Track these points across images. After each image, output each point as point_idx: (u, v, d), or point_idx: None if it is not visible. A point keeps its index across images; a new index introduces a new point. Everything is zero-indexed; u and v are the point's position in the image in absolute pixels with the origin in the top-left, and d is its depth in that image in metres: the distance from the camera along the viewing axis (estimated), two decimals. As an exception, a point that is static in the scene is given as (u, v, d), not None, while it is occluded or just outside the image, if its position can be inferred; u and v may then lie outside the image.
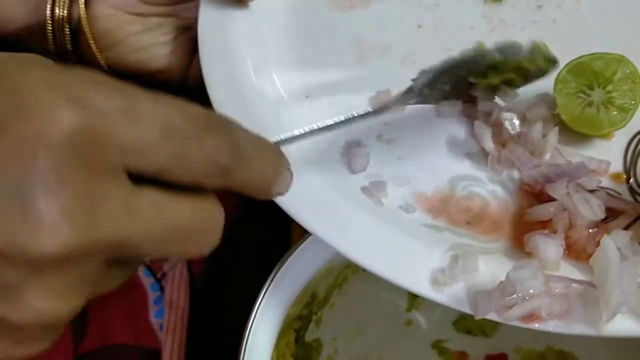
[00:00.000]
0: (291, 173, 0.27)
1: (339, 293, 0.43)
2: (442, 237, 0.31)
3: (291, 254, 0.37)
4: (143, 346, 0.45)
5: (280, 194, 0.27)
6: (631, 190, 0.32)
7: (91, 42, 0.40)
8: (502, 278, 0.27)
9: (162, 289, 0.46)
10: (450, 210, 0.32)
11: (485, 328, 0.43)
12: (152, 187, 0.21)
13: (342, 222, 0.30)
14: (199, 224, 0.22)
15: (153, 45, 0.41)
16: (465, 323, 0.44)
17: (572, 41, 0.35)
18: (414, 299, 0.44)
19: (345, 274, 0.42)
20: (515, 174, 0.32)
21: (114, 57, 0.40)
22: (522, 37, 0.34)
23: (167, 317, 0.45)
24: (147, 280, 0.46)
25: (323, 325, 0.43)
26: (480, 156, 0.33)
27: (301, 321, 0.41)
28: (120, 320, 0.45)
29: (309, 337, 0.42)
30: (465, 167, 0.33)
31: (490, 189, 0.32)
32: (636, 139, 0.33)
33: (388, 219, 0.31)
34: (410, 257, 0.30)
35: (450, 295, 0.28)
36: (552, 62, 0.31)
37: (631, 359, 0.38)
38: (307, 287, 0.39)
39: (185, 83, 0.41)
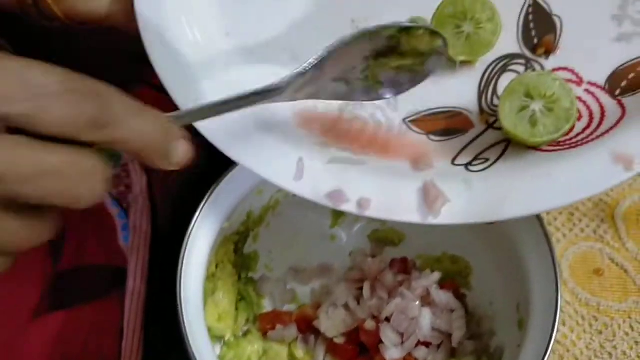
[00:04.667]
0: (187, 144, 0.31)
1: (273, 214, 0.51)
2: (328, 151, 0.39)
3: (226, 176, 0.45)
4: (113, 265, 0.52)
5: (176, 163, 0.31)
6: (482, 111, 0.40)
7: None
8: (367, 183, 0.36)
9: (128, 216, 0.53)
10: (337, 130, 0.39)
11: (394, 239, 0.52)
12: (24, 135, 0.26)
13: (247, 141, 0.38)
14: (68, 169, 0.26)
15: None
16: (377, 235, 0.52)
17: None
18: (336, 218, 0.53)
19: (277, 197, 0.50)
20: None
21: (67, 8, 0.44)
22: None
23: (132, 238, 0.53)
24: (114, 211, 0.53)
25: (260, 241, 0.51)
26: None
27: (239, 236, 0.50)
28: (93, 244, 0.53)
29: (247, 249, 0.51)
30: None
31: (370, 112, 0.40)
32: (492, 66, 0.40)
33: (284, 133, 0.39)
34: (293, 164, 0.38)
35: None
36: (437, 35, 0.35)
37: (507, 258, 0.47)
38: (242, 206, 0.47)
39: (131, 28, 0.45)
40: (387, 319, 0.45)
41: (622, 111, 0.37)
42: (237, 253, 0.50)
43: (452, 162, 0.38)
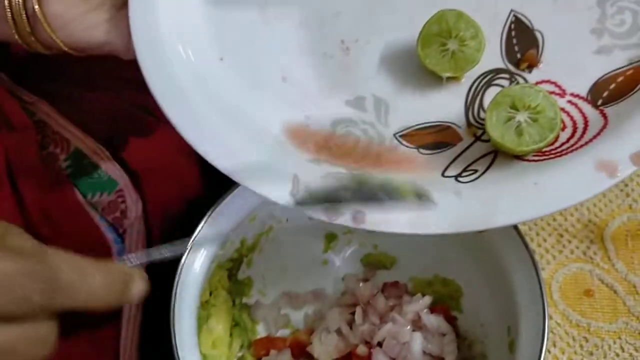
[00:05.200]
0: (142, 282, 0.33)
1: (266, 240, 0.52)
2: (321, 167, 0.39)
3: (219, 204, 0.46)
4: None
5: (130, 302, 0.33)
6: (469, 124, 0.41)
7: (45, 25, 0.45)
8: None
9: (123, 242, 0.54)
10: (330, 146, 0.41)
11: (386, 262, 0.53)
12: None
13: (240, 154, 0.39)
14: (20, 345, 0.28)
15: (98, 23, 0.46)
16: (369, 259, 0.53)
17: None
18: (329, 242, 0.54)
19: (270, 223, 0.51)
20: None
21: (67, 36, 0.46)
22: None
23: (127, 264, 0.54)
24: (110, 236, 0.54)
25: (253, 266, 0.52)
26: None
27: (233, 262, 0.50)
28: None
29: (241, 275, 0.52)
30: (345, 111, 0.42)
31: (362, 128, 0.41)
32: (477, 81, 0.42)
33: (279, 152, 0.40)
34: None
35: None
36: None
37: (497, 280, 0.48)
38: (236, 232, 0.48)
39: (129, 54, 0.46)
40: (379, 344, 0.45)
41: (604, 121, 0.39)
42: (231, 279, 0.51)
43: (442, 174, 0.39)
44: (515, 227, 0.44)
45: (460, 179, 0.39)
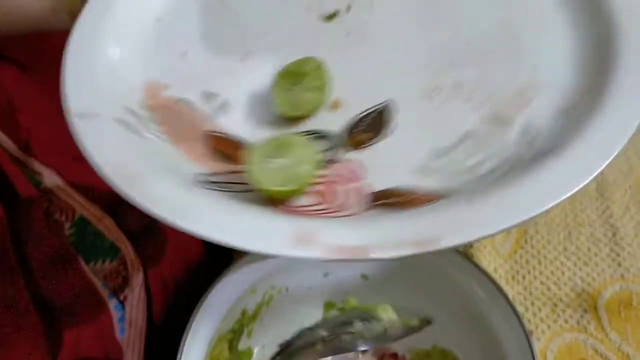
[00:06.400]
0: None
1: (267, 309, 0.53)
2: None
3: (220, 280, 0.47)
4: (110, 359, 0.54)
5: None
6: None
7: None
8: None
9: (124, 309, 0.55)
10: (162, 105, 0.40)
11: (384, 332, 0.54)
12: None
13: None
14: None
15: None
16: (368, 329, 0.54)
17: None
18: (328, 309, 0.55)
19: (270, 293, 0.52)
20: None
21: None
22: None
23: (127, 333, 0.54)
24: (111, 303, 0.55)
25: (254, 336, 0.53)
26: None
27: (234, 334, 0.51)
28: (91, 338, 0.54)
29: (241, 346, 0.52)
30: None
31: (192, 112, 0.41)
32: (300, 132, 0.41)
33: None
34: None
35: None
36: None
37: (492, 353, 0.49)
38: (237, 305, 0.49)
39: None
40: (379, 419, 0.46)
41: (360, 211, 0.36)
42: (231, 350, 0.51)
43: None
44: (508, 299, 0.45)
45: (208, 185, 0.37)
